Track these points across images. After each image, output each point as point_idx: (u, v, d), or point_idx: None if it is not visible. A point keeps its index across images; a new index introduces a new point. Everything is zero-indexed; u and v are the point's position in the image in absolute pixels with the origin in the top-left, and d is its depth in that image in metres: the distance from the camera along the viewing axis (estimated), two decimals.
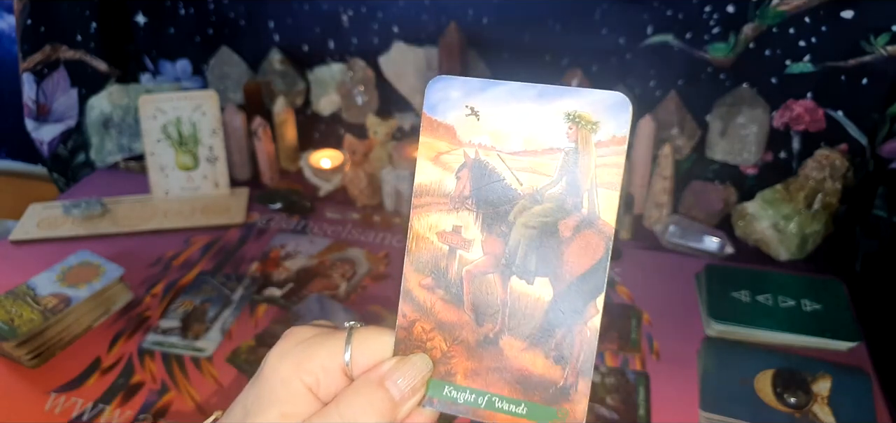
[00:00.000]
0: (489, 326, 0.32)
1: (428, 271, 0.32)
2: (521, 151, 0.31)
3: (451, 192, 0.32)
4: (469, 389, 0.32)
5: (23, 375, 0.73)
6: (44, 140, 1.17)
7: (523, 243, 0.31)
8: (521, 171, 0.31)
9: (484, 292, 0.32)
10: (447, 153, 0.32)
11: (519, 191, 0.31)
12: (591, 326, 0.30)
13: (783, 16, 0.87)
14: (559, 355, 0.31)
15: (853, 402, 0.66)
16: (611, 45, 0.97)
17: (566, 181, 0.30)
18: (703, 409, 0.67)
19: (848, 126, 0.90)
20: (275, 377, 0.31)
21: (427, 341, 0.32)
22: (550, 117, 0.30)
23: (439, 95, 0.32)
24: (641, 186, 0.98)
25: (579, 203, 0.30)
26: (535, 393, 0.31)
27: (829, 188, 0.88)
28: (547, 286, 0.31)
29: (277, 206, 1.05)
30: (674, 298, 0.84)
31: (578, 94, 0.30)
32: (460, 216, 0.32)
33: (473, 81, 0.31)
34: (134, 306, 0.83)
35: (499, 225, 0.31)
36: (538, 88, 0.30)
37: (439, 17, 1.03)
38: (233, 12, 1.13)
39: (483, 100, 0.31)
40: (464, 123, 0.31)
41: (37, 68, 1.12)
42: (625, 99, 0.30)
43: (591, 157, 0.30)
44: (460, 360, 0.32)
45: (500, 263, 0.31)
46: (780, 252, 0.90)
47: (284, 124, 1.11)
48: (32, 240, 0.96)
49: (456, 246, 0.32)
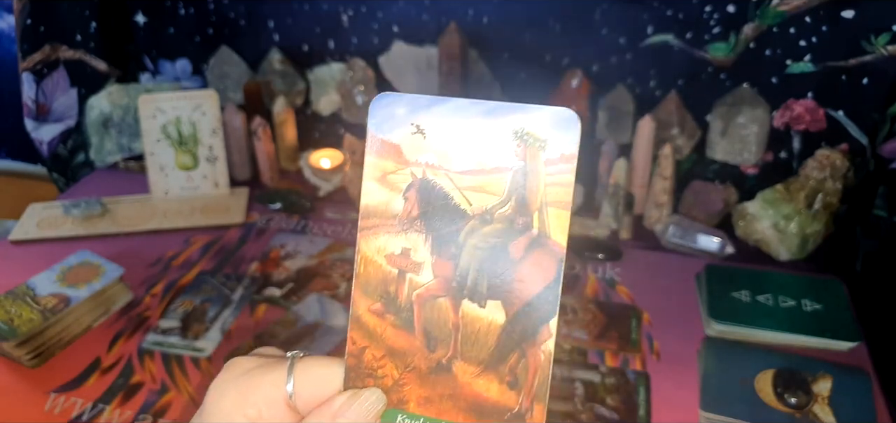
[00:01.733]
0: (441, 351, 0.31)
1: (377, 296, 0.31)
2: (469, 169, 0.30)
3: (398, 213, 0.31)
4: (423, 417, 0.31)
5: (22, 375, 0.73)
6: (43, 140, 1.17)
7: (474, 266, 0.30)
8: (469, 190, 0.30)
9: (435, 316, 0.31)
10: (394, 173, 0.30)
11: (468, 211, 0.30)
12: (545, 350, 0.29)
13: (783, 15, 0.86)
14: (513, 380, 0.30)
15: (854, 402, 0.66)
16: (611, 45, 0.97)
17: (516, 200, 0.29)
18: (704, 409, 0.67)
19: (848, 126, 0.90)
20: (216, 412, 0.30)
21: (378, 368, 0.31)
22: (498, 135, 0.29)
23: (384, 113, 0.30)
24: (641, 187, 0.98)
25: (529, 223, 0.29)
26: (489, 419, 0.30)
27: (829, 188, 0.88)
28: (499, 310, 0.30)
29: (277, 206, 1.05)
30: (674, 298, 0.84)
31: (526, 110, 0.29)
32: (409, 238, 0.31)
33: (420, 98, 0.30)
34: (134, 306, 0.83)
35: (449, 247, 0.30)
36: (485, 105, 0.29)
37: (439, 17, 1.03)
38: (233, 12, 1.13)
39: (429, 117, 0.30)
40: (410, 142, 0.30)
41: (36, 68, 1.12)
42: (573, 115, 0.29)
43: (540, 175, 0.29)
44: (413, 387, 0.31)
45: (451, 286, 0.30)
46: (781, 252, 0.90)
47: (284, 124, 1.11)
48: (32, 240, 0.96)
49: (405, 269, 0.31)
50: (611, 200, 0.95)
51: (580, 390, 0.70)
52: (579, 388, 0.70)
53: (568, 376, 0.72)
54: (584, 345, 0.76)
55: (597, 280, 0.87)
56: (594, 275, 0.88)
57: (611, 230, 0.96)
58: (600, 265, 0.90)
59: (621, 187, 0.94)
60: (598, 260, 0.91)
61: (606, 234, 0.96)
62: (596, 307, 0.82)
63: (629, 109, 1.00)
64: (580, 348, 0.75)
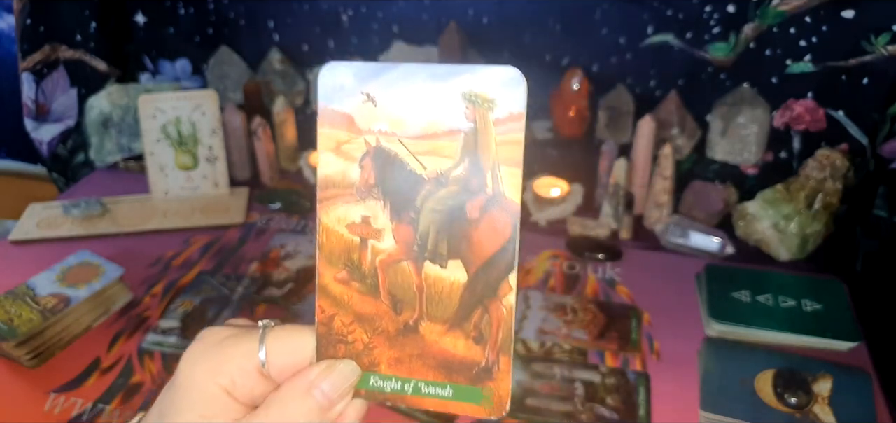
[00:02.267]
0: (408, 313, 0.32)
1: (341, 265, 0.32)
2: (421, 134, 0.30)
3: (355, 182, 0.31)
4: (394, 377, 0.32)
5: (22, 375, 0.73)
6: (43, 140, 1.17)
7: (433, 228, 0.31)
8: (423, 155, 0.31)
9: (399, 280, 0.31)
10: (348, 142, 0.31)
11: (424, 175, 0.31)
12: (506, 304, 0.31)
13: (783, 15, 0.86)
14: (479, 335, 0.31)
15: (854, 402, 0.66)
16: (611, 45, 0.97)
17: (469, 162, 0.30)
18: (704, 409, 0.67)
19: (848, 126, 0.90)
20: (189, 381, 0.30)
21: (348, 334, 0.32)
22: (447, 98, 0.30)
23: (333, 84, 0.31)
24: (642, 186, 0.98)
25: (483, 183, 0.30)
26: (458, 375, 0.31)
27: (829, 188, 0.88)
28: (460, 269, 0.31)
29: (277, 206, 1.05)
30: (674, 298, 0.84)
31: (472, 71, 0.30)
32: (368, 206, 0.31)
33: (367, 66, 0.31)
34: (133, 306, 0.83)
35: (407, 212, 0.31)
36: (432, 68, 0.30)
37: (439, 17, 1.03)
38: (233, 12, 1.13)
39: (378, 85, 0.31)
40: (361, 111, 0.31)
41: (36, 68, 1.12)
42: (518, 74, 0.29)
43: (490, 135, 0.30)
44: (383, 350, 0.32)
45: (412, 250, 0.31)
46: (781, 252, 0.90)
47: (284, 124, 1.11)
48: (32, 240, 0.96)
49: (367, 237, 0.31)
50: (611, 200, 0.95)
51: (580, 390, 0.70)
52: (579, 388, 0.70)
53: (568, 376, 0.72)
54: (584, 345, 0.76)
55: (597, 280, 0.87)
56: (594, 275, 0.88)
57: (611, 230, 0.96)
58: (600, 265, 0.90)
59: (621, 187, 0.94)
60: (598, 260, 0.91)
61: (606, 234, 0.96)
62: (596, 307, 0.82)
63: (629, 109, 1.00)
64: (580, 348, 0.75)
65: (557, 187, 1.02)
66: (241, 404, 0.31)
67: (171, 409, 0.30)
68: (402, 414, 0.67)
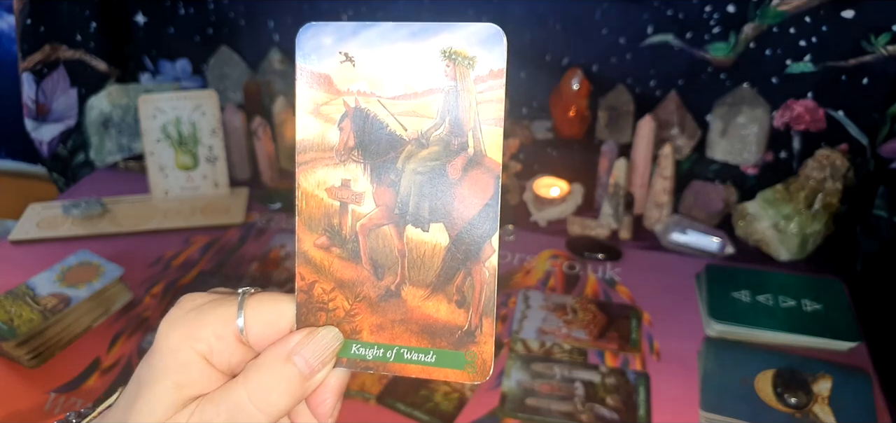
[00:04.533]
0: (389, 278, 0.31)
1: (321, 230, 0.31)
2: (401, 94, 0.30)
3: (335, 144, 0.30)
4: (376, 344, 0.31)
5: (22, 375, 0.73)
6: (43, 140, 1.17)
7: (414, 191, 0.30)
8: (403, 115, 0.30)
9: (381, 244, 0.31)
10: (326, 104, 0.30)
11: (404, 136, 0.30)
12: (489, 266, 0.30)
13: (783, 15, 0.86)
14: (461, 298, 0.31)
15: (854, 402, 0.66)
16: (611, 45, 0.97)
17: (449, 121, 0.30)
18: (704, 409, 0.67)
19: (848, 126, 0.90)
20: (165, 347, 0.30)
21: (329, 301, 0.31)
22: (427, 57, 0.30)
23: (312, 43, 0.30)
24: (642, 186, 0.98)
25: (465, 143, 0.30)
26: (441, 340, 0.31)
27: (829, 188, 0.88)
28: (442, 232, 0.30)
29: (277, 206, 1.05)
30: (674, 298, 0.84)
31: (451, 29, 0.30)
32: (348, 169, 0.31)
33: (346, 26, 0.30)
34: (134, 306, 0.83)
35: (388, 174, 0.30)
36: (411, 27, 0.30)
37: (439, 18, 1.03)
38: (233, 12, 1.13)
39: (357, 44, 0.30)
40: (339, 71, 0.30)
41: (36, 68, 1.12)
42: (498, 31, 0.29)
43: (471, 94, 0.29)
44: (365, 316, 0.31)
45: (393, 213, 0.31)
46: (781, 252, 0.90)
47: (284, 124, 1.11)
48: (32, 240, 0.96)
49: (347, 201, 0.31)
50: (611, 200, 0.95)
51: (580, 390, 0.70)
52: (579, 388, 0.70)
53: (568, 376, 0.72)
54: (584, 345, 0.76)
55: (597, 280, 0.87)
56: (594, 275, 0.88)
57: (611, 230, 0.96)
58: (600, 265, 0.90)
59: (621, 187, 0.94)
60: (598, 260, 0.91)
61: (606, 234, 0.96)
62: (596, 307, 0.82)
63: (629, 109, 1.00)
64: (580, 348, 0.75)
65: (557, 187, 1.02)
66: (219, 372, 0.30)
67: (148, 375, 0.30)
68: (402, 414, 0.67)
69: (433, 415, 0.67)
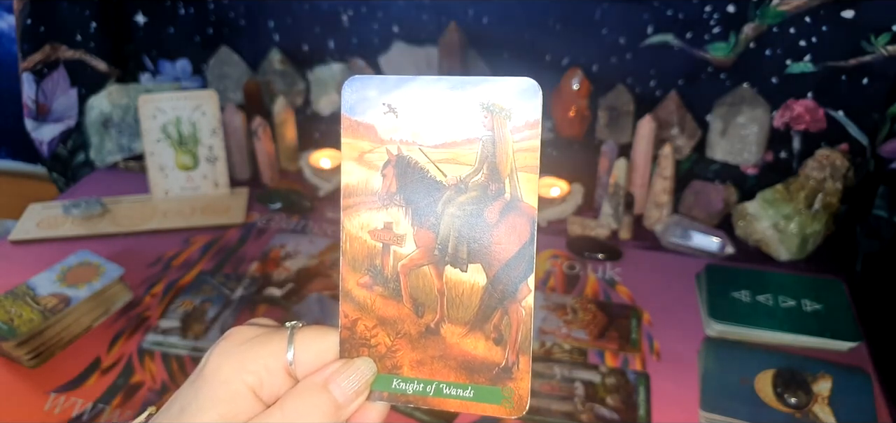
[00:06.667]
0: (429, 316, 0.33)
1: (364, 270, 0.33)
2: (441, 143, 0.32)
3: (378, 189, 0.32)
4: (416, 379, 0.33)
5: (22, 375, 0.73)
6: (43, 140, 1.17)
7: (453, 233, 0.32)
8: (443, 162, 0.32)
9: (421, 284, 0.32)
10: (370, 152, 0.32)
11: (444, 182, 0.32)
12: (526, 305, 0.32)
13: (783, 15, 0.86)
14: (498, 336, 0.32)
15: (854, 402, 0.66)
16: (611, 45, 0.97)
17: (487, 168, 0.31)
18: (704, 409, 0.67)
19: (848, 126, 0.90)
20: (216, 377, 0.30)
21: (371, 337, 0.33)
22: (466, 108, 0.31)
23: (356, 96, 0.32)
24: (642, 186, 0.98)
25: (502, 189, 0.31)
26: (479, 376, 0.32)
27: (829, 188, 0.88)
28: (480, 272, 0.32)
29: (277, 206, 1.05)
30: (674, 298, 0.84)
31: (490, 82, 0.31)
32: (390, 213, 0.32)
33: (389, 79, 0.32)
34: (134, 306, 0.83)
35: (428, 217, 0.32)
36: (451, 80, 0.31)
37: (439, 17, 1.03)
38: (233, 12, 1.13)
39: (399, 96, 0.32)
40: (383, 121, 0.32)
41: (36, 68, 1.12)
42: (534, 84, 0.31)
43: (508, 143, 0.31)
44: (405, 352, 0.33)
45: (433, 254, 0.32)
46: (781, 252, 0.90)
47: (284, 124, 1.11)
48: (32, 240, 0.96)
49: (389, 242, 0.33)
50: (611, 200, 0.95)
51: (580, 390, 0.70)
52: (579, 388, 0.70)
53: (568, 376, 0.72)
54: (584, 345, 0.76)
55: (597, 280, 0.87)
56: (594, 275, 0.88)
57: (611, 230, 0.96)
58: (600, 265, 0.90)
59: (621, 187, 0.94)
60: (598, 260, 0.91)
61: (606, 234, 0.96)
62: (596, 307, 0.82)
63: (629, 109, 1.00)
64: (580, 348, 0.75)
65: (557, 187, 1.02)
66: (264, 404, 0.31)
67: (194, 404, 0.30)
68: (403, 414, 0.67)
69: (433, 415, 0.67)
